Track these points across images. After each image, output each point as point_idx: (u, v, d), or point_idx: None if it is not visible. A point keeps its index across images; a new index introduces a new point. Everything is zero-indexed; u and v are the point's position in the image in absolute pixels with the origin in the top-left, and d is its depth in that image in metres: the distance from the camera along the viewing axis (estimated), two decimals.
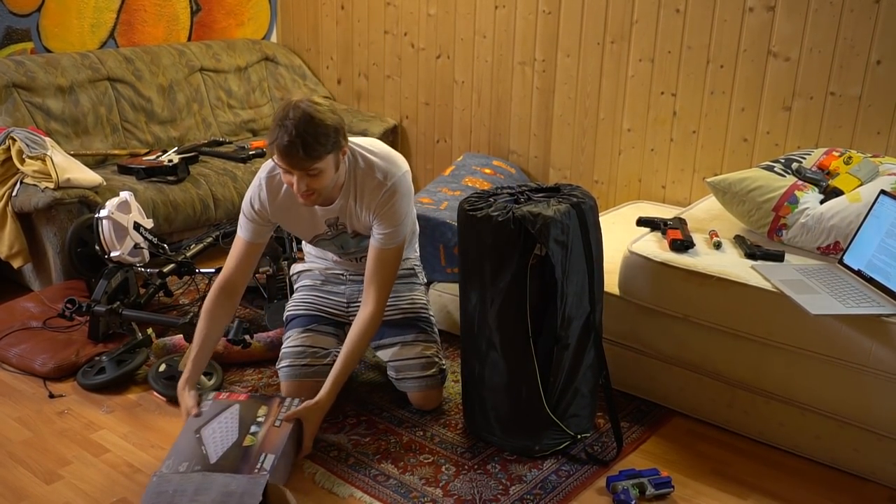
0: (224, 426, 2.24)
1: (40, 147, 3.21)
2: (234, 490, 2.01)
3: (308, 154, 2.14)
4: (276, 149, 2.17)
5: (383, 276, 2.41)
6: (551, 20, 3.75)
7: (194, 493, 2.01)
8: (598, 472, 2.31)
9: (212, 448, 2.16)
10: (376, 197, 2.37)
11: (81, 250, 3.14)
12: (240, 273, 2.48)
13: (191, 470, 2.09)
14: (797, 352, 2.33)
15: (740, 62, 3.26)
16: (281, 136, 2.13)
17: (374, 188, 2.37)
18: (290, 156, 2.16)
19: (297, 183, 2.22)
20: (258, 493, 1.99)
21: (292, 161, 2.17)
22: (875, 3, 2.91)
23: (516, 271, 2.21)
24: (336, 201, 2.41)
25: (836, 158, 2.75)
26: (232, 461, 2.13)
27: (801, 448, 2.41)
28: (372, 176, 2.37)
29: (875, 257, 2.34)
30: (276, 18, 4.94)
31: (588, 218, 2.26)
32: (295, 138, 2.12)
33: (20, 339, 2.88)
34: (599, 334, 2.37)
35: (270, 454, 2.14)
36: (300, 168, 2.18)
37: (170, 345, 2.86)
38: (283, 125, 2.14)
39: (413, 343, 2.57)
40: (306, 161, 2.16)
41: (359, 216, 2.44)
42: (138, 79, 4.05)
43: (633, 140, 3.64)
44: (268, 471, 2.09)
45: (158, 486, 2.04)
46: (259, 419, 2.27)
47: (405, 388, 2.58)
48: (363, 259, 2.60)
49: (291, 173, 2.21)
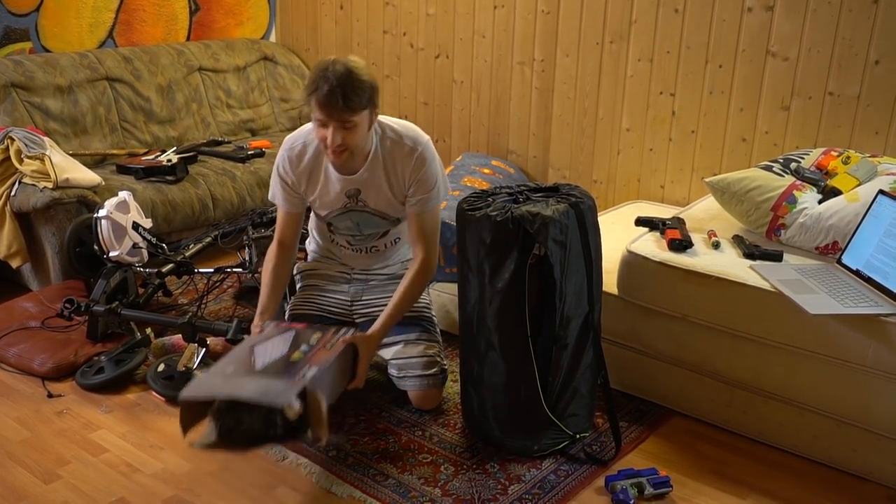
0: (277, 344, 2.23)
1: (39, 147, 3.21)
2: (268, 389, 1.99)
3: (347, 105, 2.21)
4: (315, 99, 2.23)
5: (427, 234, 2.50)
6: (550, 20, 3.76)
7: (231, 390, 1.99)
8: (596, 472, 2.32)
9: (260, 360, 2.15)
10: (409, 164, 2.44)
11: (80, 250, 3.14)
12: (290, 234, 2.60)
13: (234, 374, 2.08)
14: (796, 351, 2.33)
15: (739, 62, 3.26)
16: (321, 86, 2.21)
17: (405, 156, 2.44)
18: (329, 105, 2.22)
19: (331, 136, 2.27)
20: (290, 394, 1.96)
21: (331, 111, 2.23)
22: (873, 3, 2.91)
23: (515, 271, 2.21)
24: (360, 171, 2.45)
25: (834, 158, 2.75)
26: (276, 368, 2.10)
27: (800, 448, 2.41)
28: (401, 145, 2.44)
29: (873, 257, 2.35)
30: (275, 18, 4.94)
31: (587, 217, 2.27)
32: (336, 88, 2.19)
33: (19, 338, 2.88)
34: (598, 334, 2.37)
35: (314, 366, 2.11)
36: (338, 119, 2.24)
37: (168, 344, 2.86)
38: (323, 76, 2.21)
39: (416, 342, 2.58)
40: (344, 112, 2.23)
41: (388, 188, 2.48)
42: (137, 78, 4.05)
43: (632, 140, 3.64)
44: (306, 379, 2.04)
45: (201, 381, 2.07)
46: (311, 341, 2.25)
47: (406, 386, 2.58)
48: (372, 251, 2.62)
49: (327, 126, 2.27)
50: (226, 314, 3.26)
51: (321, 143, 2.34)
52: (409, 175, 2.45)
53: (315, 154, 2.48)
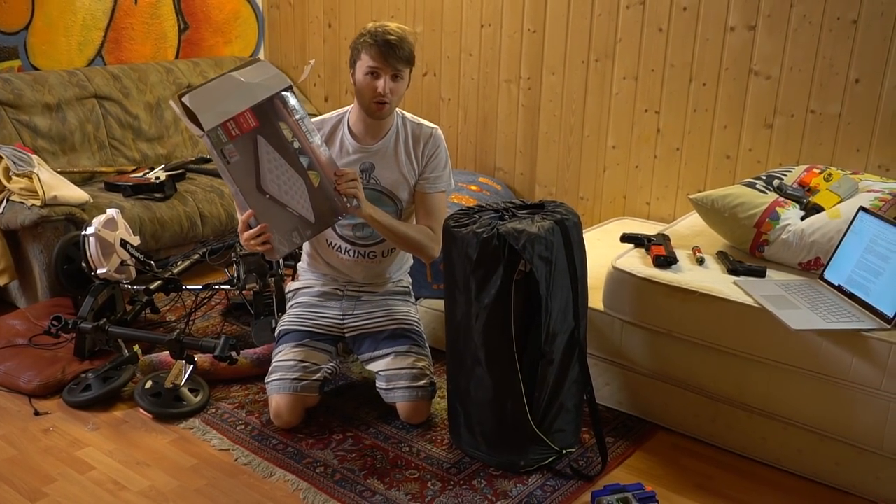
0: None
1: (27, 164, 3.21)
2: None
3: (403, 54, 2.44)
4: (373, 50, 2.43)
5: (436, 215, 2.63)
6: (536, 38, 3.80)
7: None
8: (582, 487, 2.33)
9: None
10: (428, 143, 2.63)
11: (68, 267, 3.13)
12: None
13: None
14: (779, 366, 2.35)
15: (722, 80, 3.31)
16: (379, 37, 2.42)
17: (426, 137, 2.64)
18: (386, 53, 2.42)
19: (383, 84, 2.44)
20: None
21: (388, 58, 2.42)
22: (853, 24, 2.96)
23: (501, 287, 2.23)
24: (379, 141, 2.59)
25: (816, 175, 2.78)
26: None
27: (784, 462, 2.43)
28: (420, 126, 2.65)
29: (855, 273, 2.38)
30: (263, 36, 4.96)
31: (572, 234, 2.29)
32: (393, 40, 2.42)
33: (5, 356, 2.88)
34: (584, 349, 2.39)
35: None
36: (394, 67, 2.44)
37: (156, 361, 2.86)
38: (381, 30, 2.43)
39: (406, 354, 2.59)
40: (400, 62, 2.44)
41: (402, 164, 2.61)
42: (126, 96, 4.06)
43: (618, 157, 3.68)
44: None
45: None
46: None
47: (394, 398, 2.59)
48: (370, 257, 2.67)
49: (379, 76, 2.44)
50: (214, 331, 3.26)
51: (369, 94, 2.47)
52: (425, 153, 2.62)
53: (331, 129, 2.61)
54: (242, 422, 2.62)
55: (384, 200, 2.62)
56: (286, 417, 2.53)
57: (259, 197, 2.27)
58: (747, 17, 3.19)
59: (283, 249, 2.33)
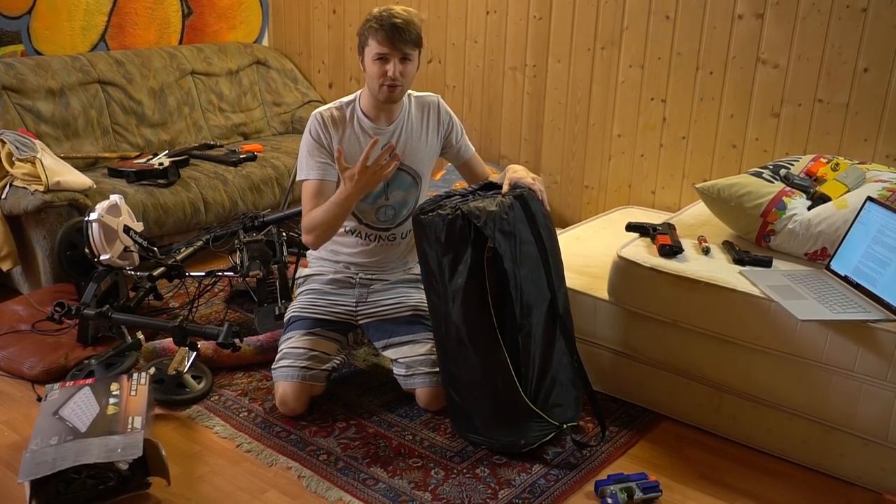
0: (82, 403, 2.28)
1: (30, 150, 3.20)
2: (114, 446, 2.09)
3: (410, 37, 2.45)
4: (380, 34, 2.43)
5: (484, 173, 2.79)
6: (542, 26, 3.77)
7: (76, 457, 2.05)
8: (586, 477, 2.32)
9: (78, 422, 2.20)
10: (438, 112, 2.70)
11: (71, 253, 3.13)
12: None
13: (63, 441, 2.12)
14: (784, 357, 2.34)
15: (729, 69, 3.28)
16: (386, 22, 2.42)
17: (433, 107, 2.70)
18: (394, 37, 2.42)
19: (392, 68, 2.45)
20: (139, 445, 2.10)
21: (395, 42, 2.43)
22: (862, 12, 2.94)
23: (472, 265, 2.28)
24: (393, 123, 2.61)
25: (823, 165, 2.77)
26: (103, 427, 2.18)
27: (789, 453, 2.42)
28: (422, 98, 2.69)
29: (862, 263, 2.36)
30: (267, 22, 4.94)
31: (532, 206, 2.34)
32: (400, 23, 2.43)
33: (9, 342, 2.87)
34: (565, 321, 2.40)
35: (137, 416, 2.23)
36: (401, 51, 2.45)
37: (159, 348, 2.86)
38: (388, 14, 2.44)
39: (423, 341, 2.60)
40: (408, 45, 2.45)
41: (424, 135, 2.67)
42: (129, 82, 4.05)
43: (623, 145, 3.66)
44: (140, 429, 2.17)
45: (34, 458, 2.06)
46: (114, 393, 2.33)
47: (414, 384, 2.58)
48: (389, 240, 2.69)
49: (388, 60, 2.45)
50: (217, 318, 3.26)
51: (380, 79, 2.47)
52: (440, 122, 2.69)
53: (343, 116, 2.60)
54: (245, 409, 2.62)
55: (402, 178, 2.65)
56: (292, 405, 2.53)
57: None
58: (755, 5, 3.16)
59: None
